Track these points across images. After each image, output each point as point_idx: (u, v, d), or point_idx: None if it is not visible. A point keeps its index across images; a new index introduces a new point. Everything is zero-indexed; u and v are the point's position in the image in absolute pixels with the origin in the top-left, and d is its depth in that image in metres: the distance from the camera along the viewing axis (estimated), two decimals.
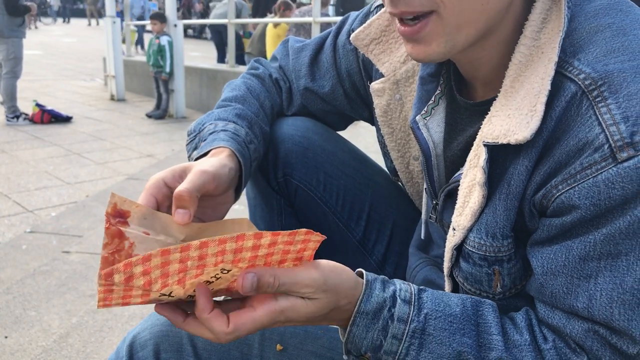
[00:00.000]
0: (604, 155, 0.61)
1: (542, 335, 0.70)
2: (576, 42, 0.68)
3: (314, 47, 1.10)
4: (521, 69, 0.70)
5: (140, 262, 0.58)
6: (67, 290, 2.48)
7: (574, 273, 0.66)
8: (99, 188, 4.25)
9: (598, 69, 0.64)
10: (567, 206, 0.64)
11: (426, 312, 0.71)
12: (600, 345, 0.66)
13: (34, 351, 2.03)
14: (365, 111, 1.09)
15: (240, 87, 1.08)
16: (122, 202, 0.70)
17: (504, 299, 0.78)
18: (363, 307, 0.69)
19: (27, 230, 3.27)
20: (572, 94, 0.65)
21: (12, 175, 4.54)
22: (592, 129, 0.62)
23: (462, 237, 0.76)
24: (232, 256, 0.62)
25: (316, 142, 1.08)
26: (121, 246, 0.67)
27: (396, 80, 0.94)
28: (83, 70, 12.22)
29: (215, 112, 1.00)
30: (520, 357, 0.69)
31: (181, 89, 7.46)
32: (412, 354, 0.70)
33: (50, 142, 5.79)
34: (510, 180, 0.70)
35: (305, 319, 0.68)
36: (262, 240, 0.62)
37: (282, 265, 0.67)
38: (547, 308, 0.70)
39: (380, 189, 1.14)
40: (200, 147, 0.90)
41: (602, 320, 0.64)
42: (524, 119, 0.66)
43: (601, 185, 0.61)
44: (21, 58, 6.56)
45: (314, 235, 0.65)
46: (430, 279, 0.96)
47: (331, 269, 0.69)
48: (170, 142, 6.04)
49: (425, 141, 0.86)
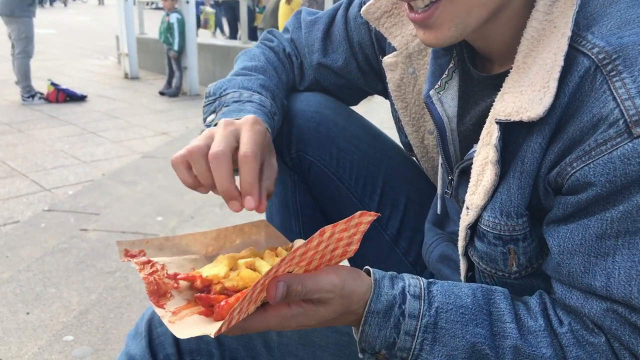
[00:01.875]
0: (619, 131, 0.59)
1: (557, 319, 0.69)
2: (589, 15, 0.66)
3: (326, 21, 1.09)
4: (533, 44, 0.69)
5: (237, 306, 0.58)
6: (86, 267, 2.52)
7: (591, 251, 0.64)
8: (114, 166, 4.28)
9: (612, 42, 0.62)
10: (583, 183, 0.63)
11: (437, 305, 0.70)
12: (619, 325, 0.64)
13: (55, 327, 2.07)
14: (379, 84, 1.08)
15: (260, 57, 1.07)
16: (131, 245, 0.71)
17: (520, 278, 0.77)
18: (374, 307, 0.69)
19: (45, 209, 3.31)
20: (585, 69, 0.63)
21: (29, 155, 4.59)
22: (607, 104, 0.60)
23: (475, 216, 0.75)
24: (299, 258, 0.62)
25: (329, 117, 1.07)
26: (154, 268, 0.69)
27: (409, 53, 0.93)
28: (96, 49, 12.24)
29: (237, 79, 0.99)
30: (535, 343, 0.68)
31: (194, 66, 7.45)
32: (426, 348, 0.69)
33: (65, 121, 5.83)
34: (524, 158, 0.69)
35: (316, 322, 0.67)
36: (324, 236, 0.62)
37: (334, 253, 0.67)
38: (565, 288, 0.69)
39: (394, 163, 1.13)
40: (223, 112, 0.90)
41: (620, 298, 0.63)
42: (537, 95, 0.65)
43: (617, 161, 0.59)
44: (32, 37, 6.59)
45: (367, 217, 0.65)
46: (446, 254, 0.96)
47: (349, 274, 0.68)
48: (185, 119, 6.05)
49: (439, 116, 0.85)
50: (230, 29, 11.40)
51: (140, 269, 0.68)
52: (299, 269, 0.64)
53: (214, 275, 0.66)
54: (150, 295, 0.66)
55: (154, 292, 0.66)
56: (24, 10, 6.36)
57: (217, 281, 0.66)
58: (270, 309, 0.64)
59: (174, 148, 4.54)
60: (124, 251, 0.70)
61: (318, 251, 0.63)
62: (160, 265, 0.69)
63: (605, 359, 0.66)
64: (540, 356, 0.67)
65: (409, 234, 1.13)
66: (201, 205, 3.20)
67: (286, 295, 0.61)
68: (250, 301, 0.59)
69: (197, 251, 0.75)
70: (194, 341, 0.86)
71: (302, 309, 0.65)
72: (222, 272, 0.66)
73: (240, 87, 0.96)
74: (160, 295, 0.66)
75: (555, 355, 0.67)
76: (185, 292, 0.68)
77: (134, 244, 0.71)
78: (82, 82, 7.97)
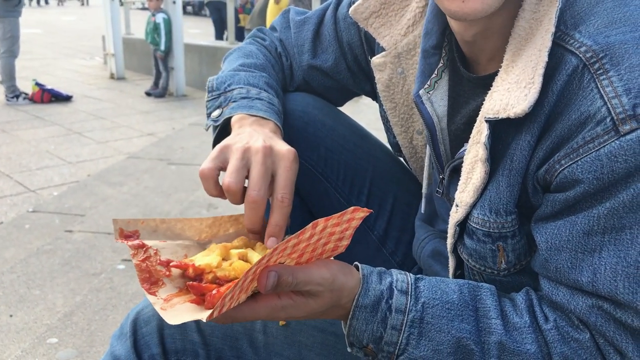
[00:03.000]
0: (606, 129, 0.60)
1: (543, 315, 0.70)
2: (577, 14, 0.66)
3: (316, 21, 1.08)
4: (521, 42, 0.69)
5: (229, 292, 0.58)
6: (71, 269, 2.49)
7: (578, 248, 0.65)
8: (100, 167, 4.25)
9: (599, 41, 0.63)
10: (571, 181, 0.63)
11: (423, 301, 0.71)
12: (604, 321, 0.65)
13: (39, 329, 2.04)
14: (367, 85, 1.08)
15: (257, 55, 1.07)
16: (126, 224, 0.71)
17: (508, 276, 0.77)
18: (361, 301, 0.70)
19: (30, 210, 3.28)
20: (573, 67, 0.64)
21: (13, 155, 4.54)
22: (594, 102, 0.61)
23: (464, 213, 0.76)
24: (291, 250, 0.62)
25: (317, 117, 1.07)
26: (147, 253, 0.70)
27: (397, 53, 0.93)
28: (82, 49, 12.15)
29: (241, 75, 0.98)
30: (520, 339, 0.69)
31: (181, 66, 7.41)
32: (413, 343, 0.70)
33: (50, 121, 5.77)
34: (512, 156, 0.70)
35: (305, 314, 0.68)
36: (316, 229, 0.63)
37: (325, 247, 0.68)
38: (552, 284, 0.70)
39: (380, 164, 1.13)
40: (231, 107, 0.89)
41: (606, 294, 0.64)
42: (523, 91, 0.66)
43: (604, 158, 0.60)
44: (18, 37, 6.52)
45: (359, 212, 0.66)
46: (439, 250, 0.96)
47: (340, 268, 0.69)
48: (171, 120, 6.02)
49: (429, 115, 0.85)
50: (215, 30, 11.34)
51: (134, 254, 0.69)
52: (290, 261, 0.65)
53: (206, 264, 0.66)
54: (142, 282, 0.66)
55: (146, 280, 0.66)
56: (10, 10, 6.30)
57: (209, 270, 0.66)
58: (260, 299, 0.65)
59: (160, 149, 4.52)
60: (119, 230, 0.71)
61: (310, 244, 0.64)
62: (153, 251, 0.70)
63: (590, 355, 0.67)
64: (524, 352, 0.68)
65: (396, 234, 1.13)
66: (188, 207, 3.19)
67: (277, 285, 0.62)
68: (242, 289, 0.60)
69: (191, 237, 0.76)
70: (180, 341, 0.85)
71: (292, 300, 0.66)
72: (215, 261, 0.67)
73: (246, 83, 0.96)
74: (152, 283, 0.67)
75: (539, 352, 0.68)
76: (177, 280, 0.68)
77: (130, 223, 0.71)
78: (67, 82, 7.90)
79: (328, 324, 0.86)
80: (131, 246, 0.70)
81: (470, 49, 0.80)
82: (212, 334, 0.86)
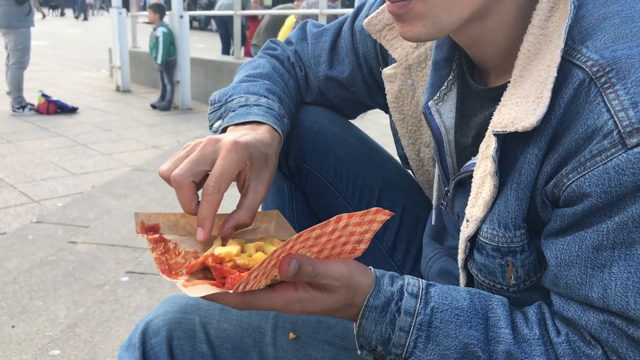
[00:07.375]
0: (613, 142, 0.60)
1: (555, 329, 0.69)
2: (584, 30, 0.67)
3: (333, 32, 1.09)
4: (530, 57, 0.70)
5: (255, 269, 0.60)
6: (74, 280, 2.48)
7: (588, 263, 0.64)
8: (104, 179, 4.25)
9: (606, 56, 0.63)
10: (578, 195, 0.63)
11: (433, 305, 0.71)
12: (616, 337, 0.64)
13: (41, 341, 2.03)
14: (381, 97, 1.08)
15: (264, 65, 1.07)
16: (148, 218, 0.73)
17: (518, 292, 0.77)
18: (372, 302, 0.70)
19: (34, 221, 3.27)
20: (580, 81, 0.64)
21: (18, 166, 4.55)
22: (601, 115, 0.61)
23: (475, 228, 0.75)
24: (313, 241, 0.64)
25: (327, 127, 1.07)
26: (166, 247, 0.72)
27: (408, 65, 0.93)
28: (89, 61, 12.23)
29: (242, 85, 0.99)
30: (529, 351, 0.68)
31: (187, 80, 7.45)
32: (420, 346, 0.70)
33: (56, 132, 5.79)
34: (521, 170, 0.70)
35: (319, 310, 0.69)
36: (339, 224, 0.64)
37: (344, 248, 0.69)
38: (563, 300, 0.69)
39: (389, 175, 1.13)
40: (230, 117, 0.90)
41: (617, 310, 0.63)
42: (531, 106, 0.66)
43: (611, 172, 0.60)
44: (29, 48, 6.56)
45: (381, 214, 0.66)
46: (447, 269, 0.96)
47: (357, 267, 0.70)
48: (176, 133, 6.04)
49: (437, 127, 0.85)
50: (222, 44, 11.43)
51: (153, 248, 0.70)
52: (310, 254, 0.65)
53: (226, 252, 0.68)
54: (162, 272, 0.67)
55: (165, 271, 0.68)
56: (22, 20, 6.33)
57: (229, 259, 0.67)
58: (278, 290, 0.66)
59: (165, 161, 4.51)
60: (140, 223, 0.73)
61: (331, 239, 0.65)
62: (173, 244, 0.72)
63: None
64: None
65: (404, 247, 1.13)
66: None
67: (297, 273, 0.63)
68: (265, 273, 0.61)
69: None
70: (189, 352, 0.85)
71: (308, 294, 0.67)
72: (235, 250, 0.68)
73: (246, 92, 0.96)
74: (171, 275, 0.68)
75: None
76: (196, 273, 0.70)
77: (151, 217, 0.73)
78: (73, 94, 7.94)
79: (338, 338, 0.85)
80: (151, 240, 0.71)
81: (475, 57, 0.80)
82: (221, 345, 0.85)
